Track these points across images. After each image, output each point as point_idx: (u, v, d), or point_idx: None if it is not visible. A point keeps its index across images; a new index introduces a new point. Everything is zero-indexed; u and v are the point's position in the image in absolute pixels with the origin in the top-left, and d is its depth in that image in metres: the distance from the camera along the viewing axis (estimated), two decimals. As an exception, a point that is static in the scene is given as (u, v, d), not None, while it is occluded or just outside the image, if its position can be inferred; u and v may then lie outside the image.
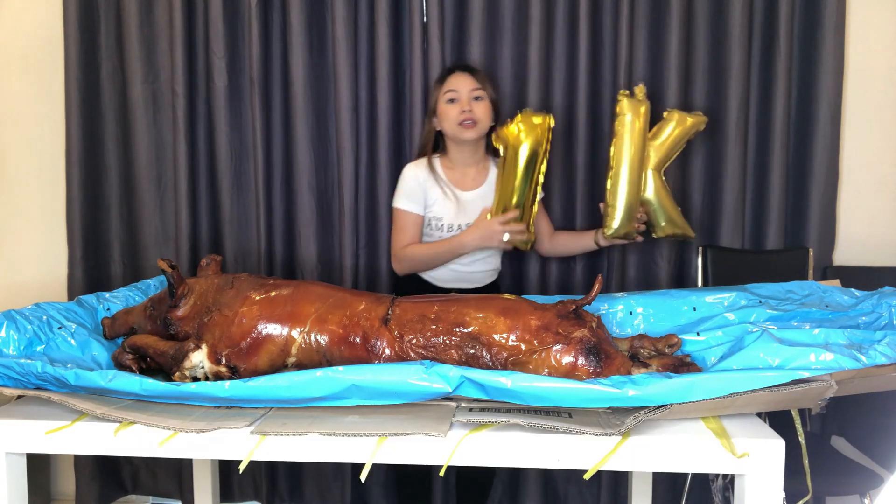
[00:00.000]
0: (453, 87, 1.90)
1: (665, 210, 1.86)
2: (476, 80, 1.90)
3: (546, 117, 1.77)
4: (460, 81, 1.90)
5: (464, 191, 1.94)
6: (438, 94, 1.92)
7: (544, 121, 1.77)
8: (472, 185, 1.95)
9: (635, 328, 1.57)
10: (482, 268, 1.97)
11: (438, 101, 1.92)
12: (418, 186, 1.91)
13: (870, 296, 1.45)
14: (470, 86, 1.89)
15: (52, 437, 1.18)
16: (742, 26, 2.15)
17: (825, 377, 1.09)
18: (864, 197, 2.31)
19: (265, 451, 1.13)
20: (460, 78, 1.91)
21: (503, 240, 1.80)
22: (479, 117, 1.87)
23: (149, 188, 2.34)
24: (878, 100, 2.28)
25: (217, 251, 2.33)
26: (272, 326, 1.30)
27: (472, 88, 1.89)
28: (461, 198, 1.93)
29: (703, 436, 1.10)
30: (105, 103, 2.34)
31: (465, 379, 1.12)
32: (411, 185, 1.92)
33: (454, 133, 1.89)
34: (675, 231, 1.90)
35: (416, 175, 1.92)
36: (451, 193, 1.92)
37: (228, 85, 2.26)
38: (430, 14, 2.15)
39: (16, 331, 1.35)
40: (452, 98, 1.89)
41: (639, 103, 1.78)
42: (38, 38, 2.41)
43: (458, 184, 1.94)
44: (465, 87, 1.89)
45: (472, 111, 1.86)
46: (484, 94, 1.90)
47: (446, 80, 1.92)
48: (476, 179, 1.96)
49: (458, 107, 1.87)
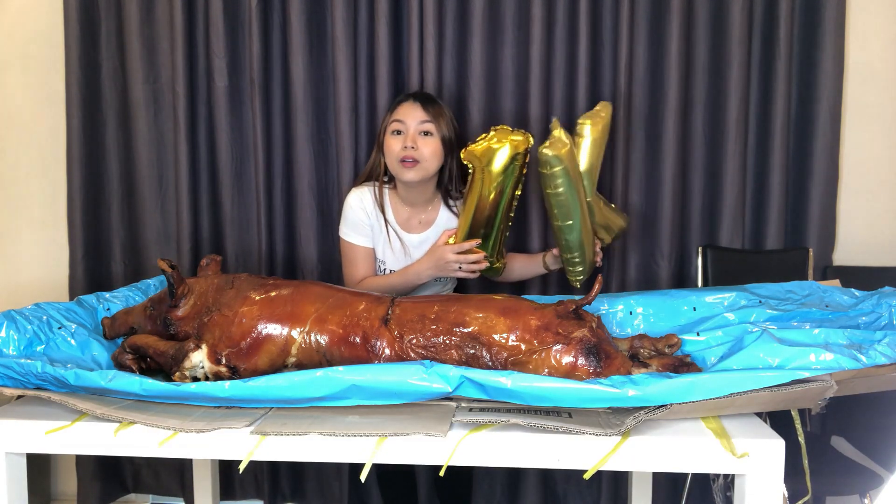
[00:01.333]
0: (401, 116, 1.72)
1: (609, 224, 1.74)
2: (427, 112, 1.71)
3: (525, 136, 1.58)
4: (409, 111, 1.72)
5: (409, 233, 1.79)
6: (387, 123, 1.76)
7: (524, 139, 1.58)
8: (419, 229, 1.80)
9: (635, 328, 1.57)
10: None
11: (385, 130, 1.75)
12: (366, 219, 1.77)
13: (870, 296, 1.45)
14: (419, 117, 1.71)
15: (52, 437, 1.18)
16: (742, 26, 2.15)
17: (825, 377, 1.09)
18: (864, 197, 2.31)
19: (265, 451, 1.13)
20: (410, 108, 1.73)
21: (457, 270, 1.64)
22: (422, 156, 1.69)
23: (149, 188, 2.35)
24: (878, 100, 2.28)
25: (217, 251, 2.33)
26: (272, 326, 1.31)
27: (422, 120, 1.70)
28: (406, 241, 1.78)
29: (703, 436, 1.10)
30: (106, 103, 2.34)
31: (465, 379, 1.12)
32: (358, 216, 1.77)
33: (396, 171, 1.72)
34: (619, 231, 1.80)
35: (362, 206, 1.77)
36: (397, 236, 1.78)
37: (229, 85, 2.26)
38: (430, 14, 2.15)
39: (16, 331, 1.35)
40: (398, 129, 1.72)
41: (561, 145, 1.52)
42: (39, 38, 2.41)
43: (405, 225, 1.79)
44: (413, 118, 1.71)
45: (416, 149, 1.68)
46: (433, 130, 1.71)
47: (396, 109, 1.75)
48: (424, 222, 1.80)
49: (402, 141, 1.70)
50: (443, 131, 1.73)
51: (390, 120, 1.75)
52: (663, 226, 2.21)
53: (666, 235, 2.21)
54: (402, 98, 1.81)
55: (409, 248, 1.79)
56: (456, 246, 1.62)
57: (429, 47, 2.16)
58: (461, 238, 1.64)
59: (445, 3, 2.19)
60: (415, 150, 1.69)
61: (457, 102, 2.20)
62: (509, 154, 1.56)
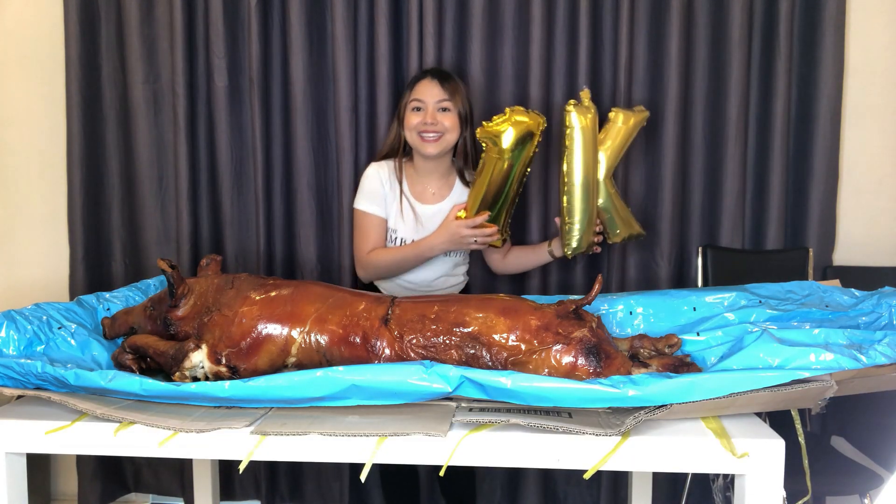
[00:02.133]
0: (420, 95, 1.81)
1: (619, 215, 1.81)
2: (445, 89, 1.80)
3: (539, 118, 1.68)
4: (428, 90, 1.81)
5: (423, 204, 1.86)
6: (406, 100, 1.84)
7: (536, 121, 1.67)
8: (433, 200, 1.87)
9: (635, 328, 1.57)
10: (447, 284, 1.91)
11: (405, 107, 1.83)
12: (381, 188, 1.84)
13: (870, 296, 1.45)
14: (437, 96, 1.79)
15: (52, 437, 1.18)
16: (742, 26, 2.15)
17: (825, 377, 1.09)
18: (864, 197, 2.31)
19: (265, 451, 1.13)
20: (428, 86, 1.81)
21: (472, 243, 1.74)
22: (442, 130, 1.78)
23: (149, 188, 2.35)
24: (878, 100, 2.28)
25: (217, 251, 2.33)
26: (272, 326, 1.31)
27: (440, 99, 1.79)
28: (420, 211, 1.84)
29: (703, 436, 1.10)
30: (106, 103, 2.34)
31: (465, 379, 1.12)
32: (374, 185, 1.84)
33: (416, 144, 1.81)
34: (631, 233, 1.85)
35: (378, 176, 1.85)
36: (410, 206, 1.84)
37: (229, 85, 2.26)
38: (429, 14, 2.15)
39: (16, 331, 1.35)
40: (418, 107, 1.80)
41: (586, 110, 1.69)
42: (39, 39, 2.41)
43: (419, 196, 1.86)
44: (431, 96, 1.79)
45: (436, 123, 1.78)
46: (451, 106, 1.80)
47: (415, 87, 1.83)
48: (437, 194, 1.88)
49: (422, 117, 1.78)
50: (459, 107, 1.82)
51: (410, 98, 1.83)
52: (663, 226, 2.21)
53: (666, 235, 2.22)
54: (419, 75, 1.88)
55: (421, 218, 1.84)
56: (470, 220, 1.72)
57: (428, 47, 2.16)
58: (472, 212, 1.73)
59: (445, 3, 2.19)
60: (434, 125, 1.78)
61: (456, 103, 2.20)
62: (520, 133, 1.65)
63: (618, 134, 1.77)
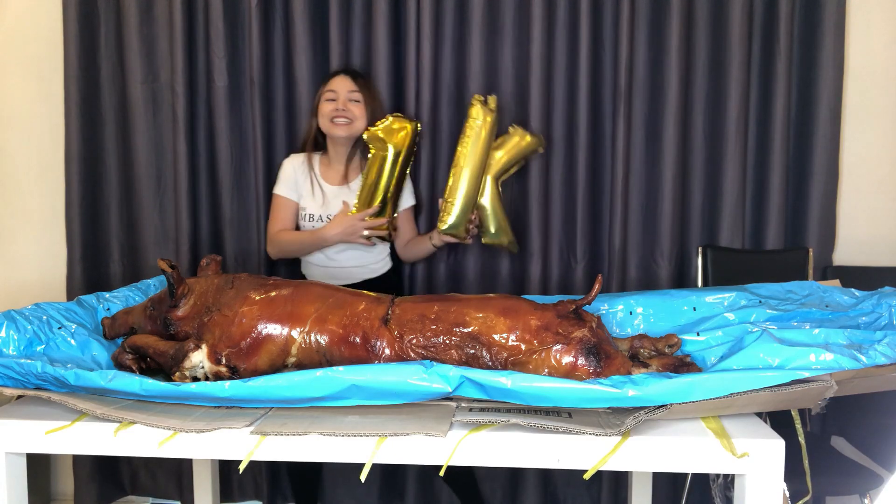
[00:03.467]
0: (333, 87, 2.01)
1: (497, 218, 1.96)
2: (355, 83, 2.01)
3: (411, 123, 1.96)
4: (340, 83, 2.01)
5: (331, 185, 2.04)
6: (320, 94, 2.03)
7: (410, 126, 1.95)
8: (339, 182, 2.05)
9: (635, 328, 1.57)
10: (351, 263, 2.02)
11: (319, 100, 2.02)
12: (293, 174, 2.04)
13: (870, 296, 1.45)
14: (349, 87, 2.00)
15: (52, 437, 1.18)
16: (742, 26, 2.15)
17: (825, 377, 1.09)
18: (864, 197, 2.31)
19: (265, 451, 1.13)
20: (340, 80, 2.02)
21: (363, 234, 1.91)
22: (353, 116, 1.98)
23: (148, 188, 2.34)
24: (878, 100, 2.28)
25: (217, 251, 2.33)
26: (272, 326, 1.30)
27: (351, 90, 2.00)
28: (326, 191, 2.03)
29: (703, 436, 1.10)
30: (105, 103, 2.34)
31: (465, 379, 1.12)
32: (287, 172, 2.05)
33: (327, 129, 2.00)
34: (502, 240, 2.00)
35: (292, 165, 2.05)
36: (319, 186, 2.03)
37: (229, 85, 2.26)
38: (427, 14, 2.15)
39: (16, 331, 1.35)
40: (331, 98, 2.00)
41: (489, 112, 1.90)
42: (38, 38, 2.41)
43: (328, 178, 2.05)
44: (343, 88, 2.00)
45: (347, 110, 1.98)
46: (360, 98, 2.00)
47: (329, 81, 2.03)
48: (345, 177, 2.05)
49: (334, 105, 1.98)
50: (369, 99, 2.02)
51: (324, 90, 2.02)
52: (663, 226, 2.21)
53: (666, 235, 2.21)
54: (333, 72, 2.09)
55: (328, 197, 2.03)
56: (362, 213, 1.91)
57: (426, 47, 2.16)
58: (362, 207, 1.93)
59: (446, 3, 2.19)
60: (345, 112, 1.98)
61: (455, 102, 2.21)
62: (400, 137, 1.93)
63: (512, 146, 1.96)
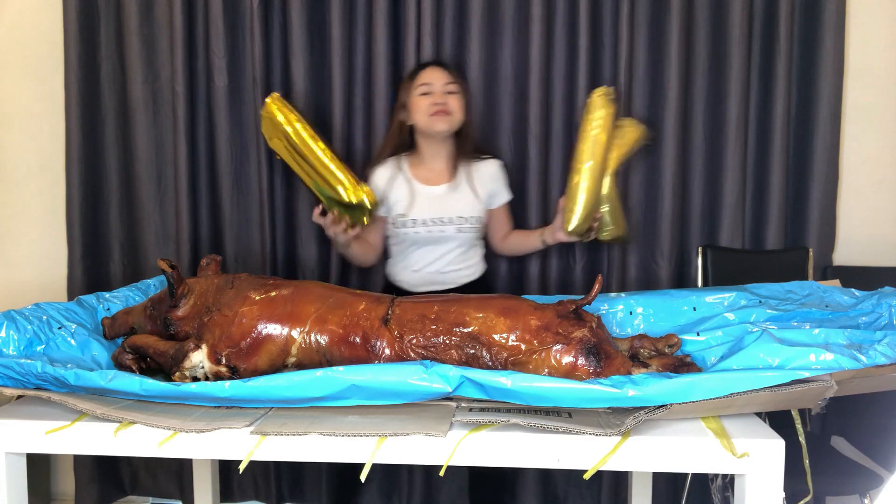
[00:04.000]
0: (427, 80, 1.88)
1: (614, 212, 1.85)
2: (450, 74, 1.90)
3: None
4: (434, 75, 1.89)
5: (429, 186, 1.92)
6: (410, 88, 1.91)
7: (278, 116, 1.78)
8: (438, 181, 1.93)
9: (635, 328, 1.57)
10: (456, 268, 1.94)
11: (410, 94, 1.90)
12: (383, 187, 1.91)
13: (870, 296, 1.45)
14: (444, 79, 1.88)
15: (52, 437, 1.18)
16: (742, 26, 2.15)
17: (825, 377, 1.09)
18: (864, 197, 2.31)
19: (265, 451, 1.13)
20: (434, 72, 1.90)
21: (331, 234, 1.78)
22: (452, 109, 1.87)
23: (149, 188, 2.34)
24: (878, 100, 2.28)
25: (217, 251, 2.32)
26: (272, 326, 1.31)
27: (446, 82, 1.88)
28: (426, 193, 1.91)
29: (703, 436, 1.10)
30: (105, 103, 2.34)
31: (465, 379, 1.12)
32: (376, 184, 1.92)
33: (425, 125, 1.87)
34: (619, 234, 1.89)
35: (381, 175, 1.93)
36: (415, 189, 1.91)
37: (229, 85, 2.26)
38: (427, 13, 2.15)
39: (16, 331, 1.35)
40: (426, 91, 1.87)
41: (610, 103, 1.77)
42: (38, 38, 2.41)
43: (425, 180, 1.93)
44: (439, 80, 1.88)
45: (446, 103, 1.86)
46: (457, 89, 1.89)
47: (419, 75, 1.91)
48: (443, 175, 1.94)
49: (432, 99, 1.86)
50: (464, 91, 1.91)
51: (417, 84, 1.89)
52: (663, 226, 2.21)
53: (666, 235, 2.21)
54: (422, 65, 1.96)
55: (427, 200, 1.90)
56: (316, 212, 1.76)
57: (426, 47, 2.16)
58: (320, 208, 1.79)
59: (445, 3, 2.19)
60: (444, 105, 1.85)
61: (456, 102, 2.20)
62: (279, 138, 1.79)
63: (626, 139, 1.83)
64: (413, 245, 1.92)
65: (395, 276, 1.98)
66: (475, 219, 1.92)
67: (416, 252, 1.93)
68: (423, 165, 1.94)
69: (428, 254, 1.92)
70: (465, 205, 1.91)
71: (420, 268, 1.93)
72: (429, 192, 1.91)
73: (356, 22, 2.22)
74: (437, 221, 1.89)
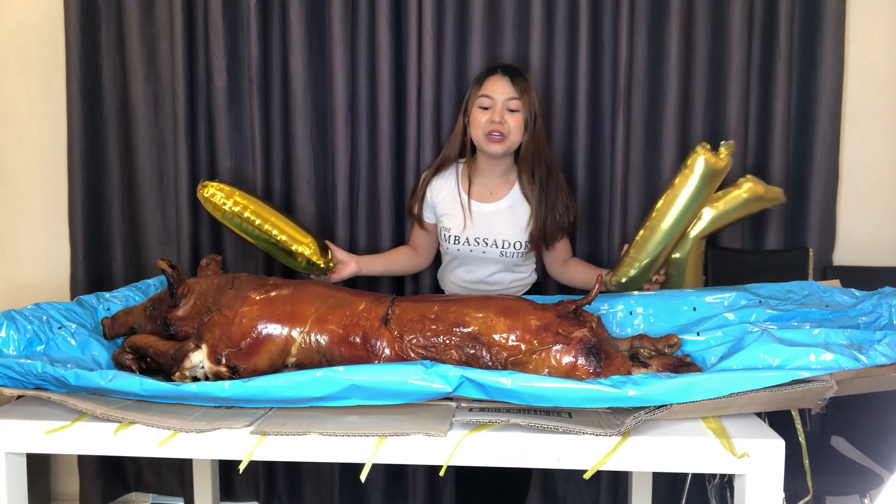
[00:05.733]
0: (489, 91, 1.74)
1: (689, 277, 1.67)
2: (515, 87, 1.73)
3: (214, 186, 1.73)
4: (497, 87, 1.74)
5: (481, 202, 1.82)
6: (474, 96, 1.77)
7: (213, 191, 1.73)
8: (491, 199, 1.83)
9: (635, 328, 1.57)
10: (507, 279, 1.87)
11: (472, 103, 1.77)
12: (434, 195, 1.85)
13: (870, 296, 1.45)
14: (507, 93, 1.73)
15: (52, 437, 1.18)
16: (742, 26, 2.15)
17: (825, 377, 1.09)
18: (864, 197, 2.31)
19: (265, 451, 1.13)
20: (498, 83, 1.75)
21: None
22: (509, 130, 1.73)
23: (150, 188, 2.35)
24: (878, 100, 2.28)
25: (217, 251, 2.33)
26: (272, 326, 1.31)
27: (509, 97, 1.73)
28: (475, 210, 1.81)
29: (703, 436, 1.10)
30: (106, 103, 2.34)
31: (465, 379, 1.12)
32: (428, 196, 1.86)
33: (481, 143, 1.76)
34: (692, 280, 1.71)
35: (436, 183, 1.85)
36: (464, 204, 1.81)
37: (228, 85, 2.26)
38: (428, 14, 2.14)
39: (16, 331, 1.35)
40: (486, 105, 1.74)
41: (718, 160, 1.54)
42: (39, 39, 2.41)
43: (478, 195, 1.83)
44: (501, 93, 1.73)
45: (504, 123, 1.72)
46: (519, 106, 1.73)
47: (484, 82, 1.77)
48: (496, 193, 1.83)
49: (490, 115, 1.73)
50: (527, 108, 1.75)
51: (479, 94, 1.76)
52: (663, 226, 2.21)
53: (666, 235, 2.21)
54: (490, 70, 1.81)
55: (475, 216, 1.81)
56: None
57: (427, 47, 2.16)
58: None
59: (446, 3, 2.19)
60: (502, 125, 1.72)
61: (456, 103, 2.20)
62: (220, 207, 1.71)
63: (734, 200, 1.62)
64: (456, 259, 1.87)
65: (444, 282, 1.95)
66: (520, 244, 1.80)
67: (462, 267, 1.88)
68: (478, 178, 1.84)
69: (473, 269, 1.86)
70: (511, 229, 1.80)
71: (465, 282, 1.88)
72: (477, 210, 1.81)
73: (357, 23, 2.22)
74: (482, 242, 1.80)
